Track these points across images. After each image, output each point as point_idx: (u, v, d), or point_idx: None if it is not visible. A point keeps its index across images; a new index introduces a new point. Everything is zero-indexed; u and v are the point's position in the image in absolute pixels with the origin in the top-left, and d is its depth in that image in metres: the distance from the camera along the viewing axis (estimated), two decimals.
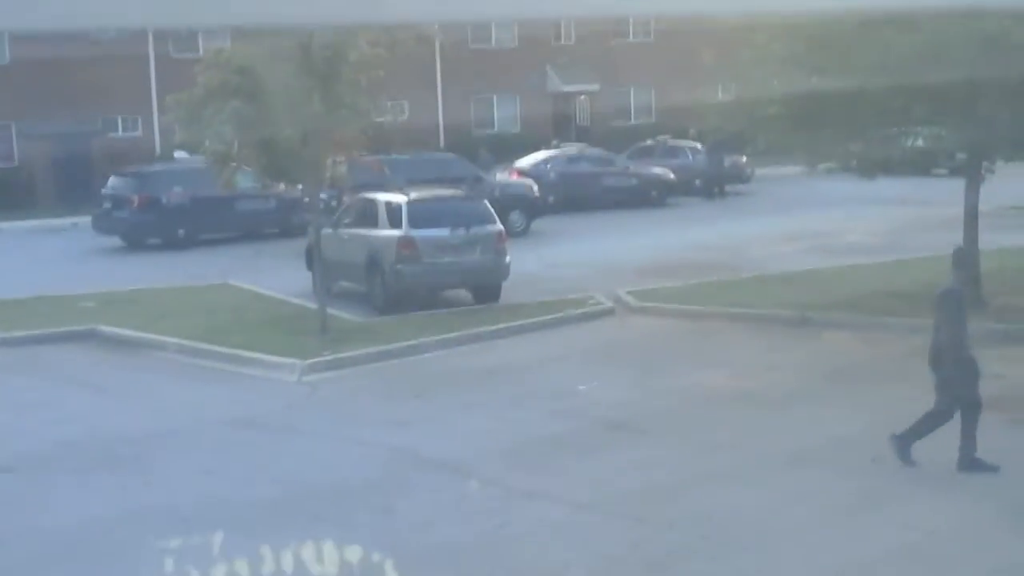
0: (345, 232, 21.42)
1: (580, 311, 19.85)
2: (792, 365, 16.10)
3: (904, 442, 11.44)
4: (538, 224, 31.10)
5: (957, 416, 11.36)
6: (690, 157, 40.07)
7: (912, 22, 16.20)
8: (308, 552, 9.91)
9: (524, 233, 29.98)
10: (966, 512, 10.40)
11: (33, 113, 38.98)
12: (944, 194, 26.44)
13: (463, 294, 21.03)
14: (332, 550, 9.93)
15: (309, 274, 21.30)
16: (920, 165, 25.07)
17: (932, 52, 16.10)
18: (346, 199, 23.35)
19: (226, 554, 9.84)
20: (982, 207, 19.12)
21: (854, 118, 18.36)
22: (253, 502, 11.14)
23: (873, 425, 12.89)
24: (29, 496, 11.38)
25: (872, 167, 19.96)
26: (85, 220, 32.49)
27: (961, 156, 20.06)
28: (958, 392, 11.29)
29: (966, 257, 13.21)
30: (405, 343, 17.60)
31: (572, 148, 39.03)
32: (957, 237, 19.25)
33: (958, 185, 19.55)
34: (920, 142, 20.65)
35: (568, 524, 10.32)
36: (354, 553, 9.86)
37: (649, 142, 41.43)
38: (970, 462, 11.21)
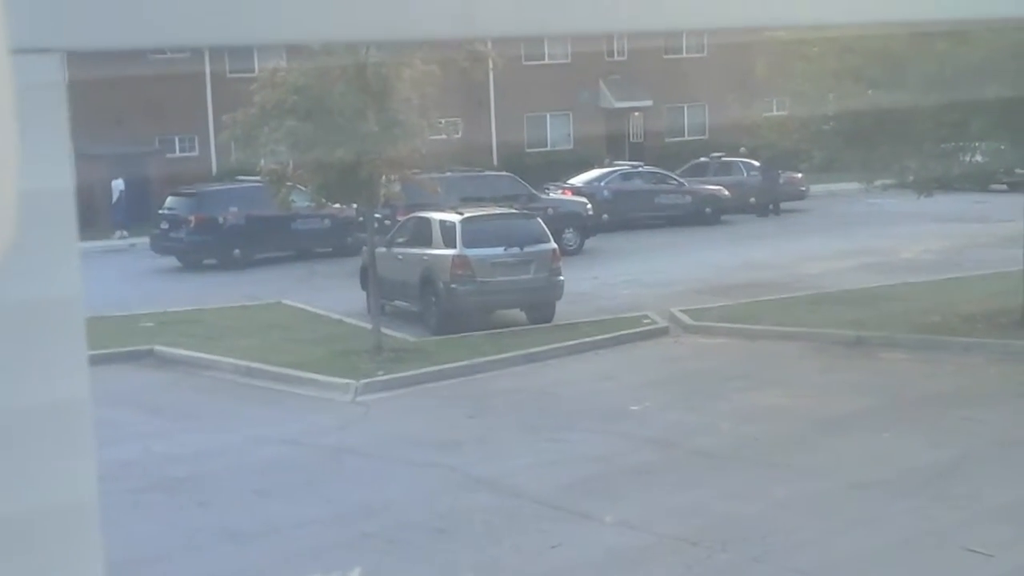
0: (399, 251, 21.48)
1: (634, 330, 19.76)
2: (848, 386, 15.93)
3: None
4: (592, 242, 31.04)
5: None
6: (744, 174, 39.86)
7: (967, 34, 16.05)
8: (361, 573, 9.91)
9: (578, 251, 29.92)
10: None
11: (90, 133, 39.43)
12: (1003, 210, 26.15)
13: (517, 313, 21.01)
14: (385, 572, 9.92)
15: (363, 293, 21.38)
16: (978, 180, 24.81)
17: (988, 65, 15.95)
18: (400, 218, 23.42)
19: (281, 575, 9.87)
20: None
21: (910, 133, 18.22)
22: (306, 522, 11.16)
23: (933, 449, 12.77)
24: None
25: (929, 183, 19.77)
26: (143, 240, 32.80)
27: (1020, 171, 19.82)
28: None
29: None
30: (459, 363, 17.59)
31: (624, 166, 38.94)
32: (1016, 254, 19.04)
33: (1017, 201, 19.32)
34: (978, 157, 20.43)
35: (621, 546, 10.27)
36: (407, 574, 9.85)
37: (703, 159, 41.28)
38: None
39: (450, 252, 20.24)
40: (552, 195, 33.33)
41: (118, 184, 37.83)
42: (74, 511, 1.37)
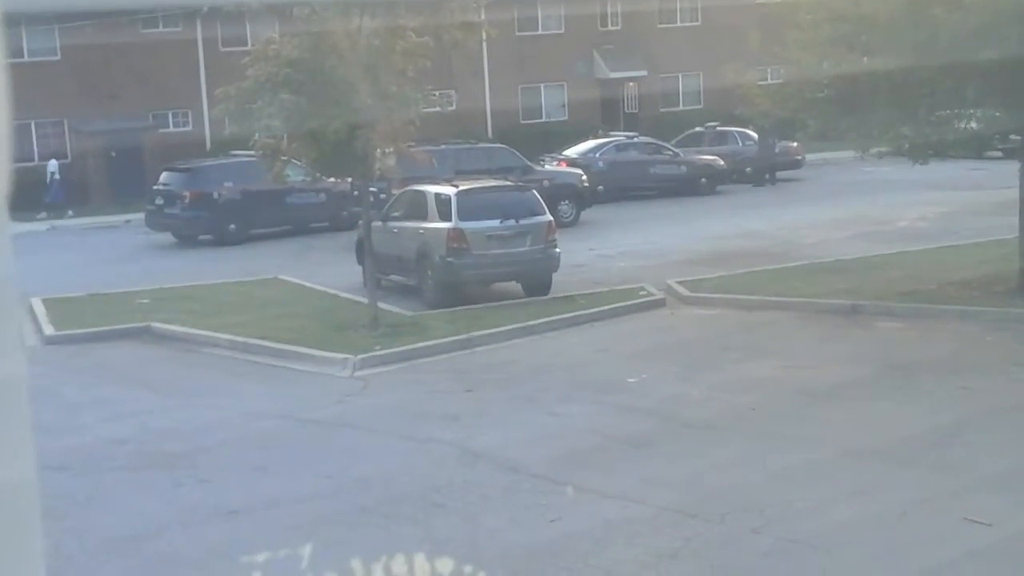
0: (395, 225, 21.45)
1: (631, 302, 19.76)
2: (845, 355, 15.94)
3: None
4: (587, 214, 31.02)
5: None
6: (740, 143, 39.83)
7: (961, 0, 16.01)
8: (359, 548, 9.92)
9: (573, 223, 29.92)
10: None
11: (84, 109, 39.32)
12: (998, 177, 26.13)
13: (513, 286, 21.00)
14: (383, 546, 9.93)
15: (359, 268, 21.37)
16: (973, 148, 24.76)
17: (982, 30, 15.90)
18: (395, 191, 23.38)
19: (278, 551, 9.87)
20: None
21: (905, 100, 18.16)
22: (304, 497, 11.17)
23: (931, 417, 12.78)
24: (83, 494, 11.47)
25: (924, 150, 19.74)
26: (138, 216, 32.75)
27: (1015, 137, 19.78)
28: None
29: None
30: (456, 337, 17.59)
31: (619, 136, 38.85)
32: (1011, 222, 19.04)
33: (1012, 168, 19.29)
34: (973, 124, 20.39)
35: (619, 519, 10.27)
36: (405, 549, 9.86)
37: (698, 129, 41.23)
38: None
39: (446, 225, 20.21)
40: (547, 167, 33.30)
41: (51, 165, 37.37)
42: (11, 491, 1.35)
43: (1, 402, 1.35)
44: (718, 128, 40.79)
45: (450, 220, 20.19)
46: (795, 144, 39.23)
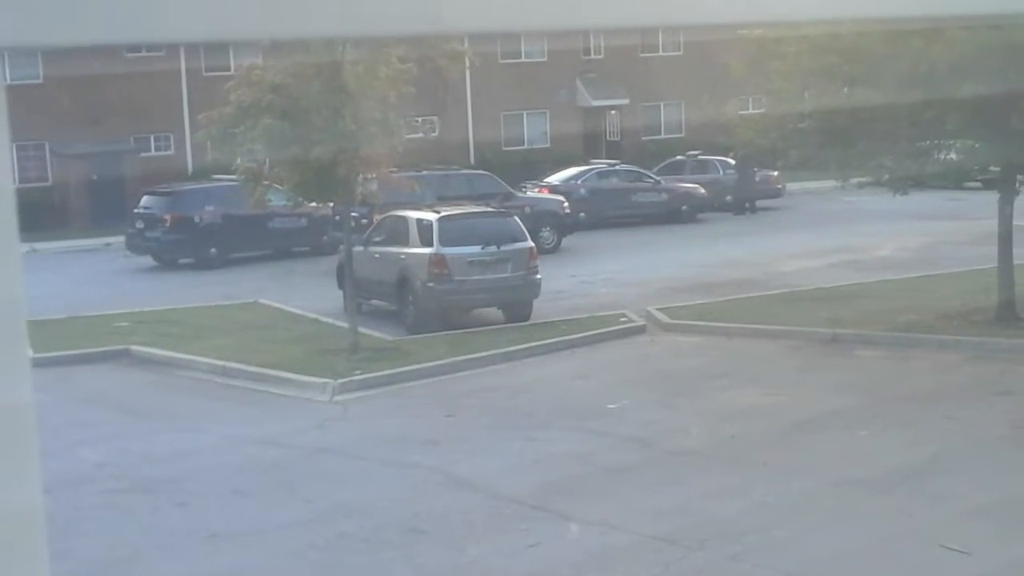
0: (376, 250, 21.45)
1: (611, 329, 19.78)
2: (825, 384, 15.97)
3: None
4: (569, 241, 31.06)
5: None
6: (720, 172, 39.97)
7: (941, 33, 16.12)
8: (340, 574, 9.89)
9: (555, 250, 29.94)
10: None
11: (66, 132, 39.24)
12: (977, 208, 26.26)
13: (494, 312, 21.00)
14: (364, 572, 9.91)
15: (340, 292, 21.34)
16: (953, 178, 24.92)
17: (962, 63, 16.02)
18: (377, 217, 23.38)
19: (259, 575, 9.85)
20: (1016, 221, 18.96)
21: (885, 131, 18.27)
22: (284, 523, 11.14)
23: (910, 446, 12.81)
24: (62, 517, 11.40)
25: (904, 181, 19.83)
26: (118, 240, 32.66)
27: (994, 169, 19.90)
28: None
29: None
30: (436, 362, 17.58)
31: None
32: (990, 252, 19.13)
33: (991, 199, 19.40)
34: (953, 155, 20.52)
35: (599, 544, 10.27)
36: (386, 574, 9.84)
37: (680, 157, 41.37)
38: None
39: (427, 251, 20.22)
40: (529, 193, 33.36)
41: None
42: (18, 520, 1.35)
43: (10, 429, 1.35)
44: (699, 157, 40.92)
45: (431, 245, 20.20)
46: (775, 173, 39.34)
